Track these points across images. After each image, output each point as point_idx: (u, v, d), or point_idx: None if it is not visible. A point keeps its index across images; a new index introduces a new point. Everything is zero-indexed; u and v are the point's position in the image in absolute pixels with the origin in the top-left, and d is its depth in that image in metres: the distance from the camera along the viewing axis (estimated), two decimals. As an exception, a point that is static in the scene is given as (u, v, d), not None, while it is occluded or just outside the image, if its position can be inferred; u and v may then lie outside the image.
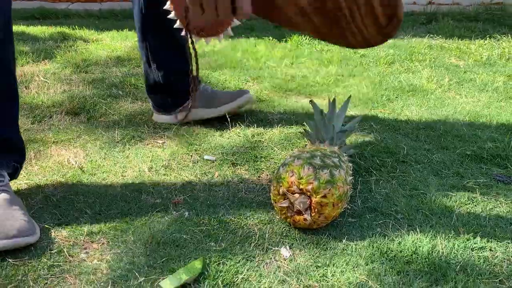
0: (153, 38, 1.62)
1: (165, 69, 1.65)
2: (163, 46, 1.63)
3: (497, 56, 2.75)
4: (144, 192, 1.27)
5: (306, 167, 1.09)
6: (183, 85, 1.68)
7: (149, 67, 1.66)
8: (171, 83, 1.67)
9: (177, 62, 1.65)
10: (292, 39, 2.94)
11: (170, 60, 1.65)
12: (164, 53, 1.64)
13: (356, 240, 1.09)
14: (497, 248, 1.07)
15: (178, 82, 1.66)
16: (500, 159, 1.48)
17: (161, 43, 1.62)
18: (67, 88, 2.03)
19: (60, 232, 1.10)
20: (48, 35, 2.90)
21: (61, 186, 1.29)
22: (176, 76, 1.65)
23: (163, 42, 1.62)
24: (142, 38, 1.63)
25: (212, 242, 1.07)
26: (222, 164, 1.44)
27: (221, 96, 1.72)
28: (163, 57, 1.64)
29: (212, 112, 1.70)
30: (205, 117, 1.71)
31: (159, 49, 1.63)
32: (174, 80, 1.66)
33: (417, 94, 2.09)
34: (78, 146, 1.53)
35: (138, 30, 1.63)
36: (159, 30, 1.59)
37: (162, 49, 1.63)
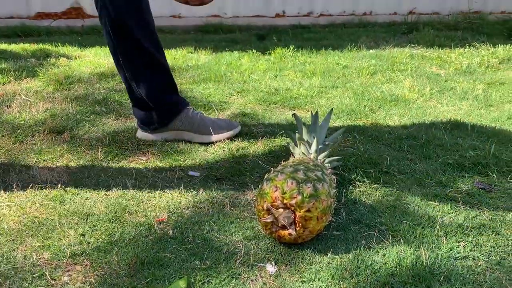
0: (128, 58, 1.60)
1: (146, 88, 1.63)
2: (139, 66, 1.61)
3: (476, 64, 2.81)
4: (128, 211, 1.26)
5: (289, 182, 1.09)
6: (166, 103, 1.68)
7: (129, 85, 1.66)
8: (154, 100, 1.66)
9: (156, 78, 1.64)
10: (275, 52, 2.96)
11: (148, 79, 1.63)
12: (142, 72, 1.62)
13: (341, 253, 1.09)
14: (480, 257, 1.08)
15: (160, 99, 1.66)
16: (481, 167, 1.50)
17: (138, 63, 1.60)
18: (49, 106, 2.01)
19: (42, 254, 1.08)
20: (30, 53, 2.88)
21: (44, 207, 1.27)
22: (158, 94, 1.65)
23: (139, 61, 1.60)
24: (116, 59, 1.62)
25: (197, 260, 1.07)
26: (206, 180, 1.44)
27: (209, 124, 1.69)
28: (141, 76, 1.63)
29: (201, 139, 1.68)
30: (191, 141, 1.70)
31: (135, 69, 1.62)
32: (156, 98, 1.65)
33: (399, 104, 2.12)
34: (61, 165, 1.52)
35: (111, 53, 1.62)
36: (132, 50, 1.58)
37: (138, 68, 1.62)
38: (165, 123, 1.68)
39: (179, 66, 2.66)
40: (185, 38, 3.54)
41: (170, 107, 1.68)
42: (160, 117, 1.67)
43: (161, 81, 1.66)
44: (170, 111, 1.68)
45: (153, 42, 1.62)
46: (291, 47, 3.03)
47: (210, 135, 1.67)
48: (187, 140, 1.70)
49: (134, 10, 1.55)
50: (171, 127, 1.69)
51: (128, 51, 1.59)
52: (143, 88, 1.63)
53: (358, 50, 3.14)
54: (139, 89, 1.63)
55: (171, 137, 1.71)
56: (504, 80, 2.49)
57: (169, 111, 1.68)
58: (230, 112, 1.99)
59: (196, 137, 1.68)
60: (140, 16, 1.57)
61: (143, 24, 1.59)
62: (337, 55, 2.98)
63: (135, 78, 1.62)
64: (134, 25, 1.55)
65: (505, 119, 1.95)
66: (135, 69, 1.61)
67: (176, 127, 1.69)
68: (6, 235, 1.15)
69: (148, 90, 1.63)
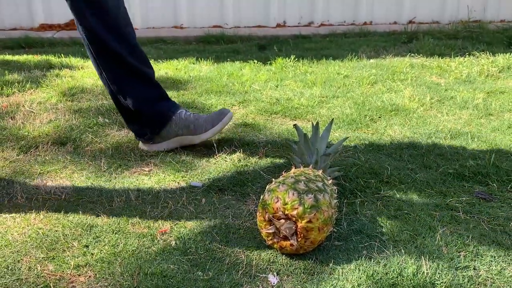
0: (110, 71, 1.61)
1: (132, 98, 1.64)
2: (122, 77, 1.62)
3: (476, 73, 2.82)
4: (131, 222, 1.28)
5: (290, 193, 1.10)
6: (154, 111, 1.68)
7: (117, 99, 1.67)
8: (141, 110, 1.66)
9: (140, 90, 1.65)
10: (276, 62, 2.99)
11: (133, 89, 1.64)
12: (126, 84, 1.63)
13: (343, 264, 1.10)
14: (480, 266, 1.09)
15: (147, 108, 1.66)
16: (481, 177, 1.51)
17: (120, 74, 1.61)
18: (53, 117, 2.03)
19: (47, 266, 1.09)
20: (34, 64, 2.91)
21: (48, 219, 1.28)
22: (144, 103, 1.66)
23: (120, 72, 1.61)
24: (99, 73, 1.63)
25: (199, 271, 1.08)
26: (209, 190, 1.45)
27: (203, 121, 1.71)
28: (126, 87, 1.63)
29: (200, 139, 1.71)
30: (192, 143, 1.72)
31: (119, 81, 1.62)
32: (143, 107, 1.66)
33: (400, 113, 2.13)
34: (64, 177, 1.54)
35: (95, 68, 1.63)
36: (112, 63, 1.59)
37: (122, 80, 1.62)
38: (157, 131, 1.69)
39: (181, 77, 2.69)
40: (187, 49, 3.57)
41: (159, 115, 1.69)
42: (150, 126, 1.68)
43: (146, 91, 1.66)
44: (159, 118, 1.69)
45: (134, 53, 1.62)
46: (292, 57, 3.06)
47: (206, 132, 1.69)
48: (188, 144, 1.71)
49: (109, 25, 1.54)
50: (168, 135, 1.70)
51: (109, 65, 1.59)
52: (129, 100, 1.64)
53: (358, 59, 3.16)
54: (126, 101, 1.64)
55: (173, 145, 1.72)
56: (504, 89, 2.51)
57: (159, 118, 1.69)
58: (232, 122, 2.01)
59: (195, 138, 1.69)
60: (117, 30, 1.56)
61: (121, 37, 1.58)
62: (338, 65, 3.00)
63: (121, 91, 1.63)
64: (111, 39, 1.55)
65: (505, 128, 1.96)
66: (119, 82, 1.62)
67: (174, 133, 1.70)
68: (10, 246, 1.16)
69: (134, 101, 1.64)
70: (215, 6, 4.02)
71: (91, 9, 1.50)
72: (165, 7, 3.95)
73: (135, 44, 1.63)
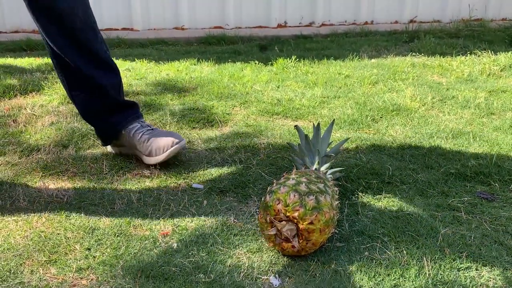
0: (63, 75, 1.58)
1: (80, 109, 1.65)
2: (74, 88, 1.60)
3: (478, 72, 2.82)
4: (133, 224, 1.28)
5: (292, 194, 1.10)
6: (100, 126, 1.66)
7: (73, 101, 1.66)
8: (89, 121, 1.68)
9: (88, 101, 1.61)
10: (277, 63, 2.99)
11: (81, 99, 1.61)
12: (76, 92, 1.60)
13: (344, 265, 1.10)
14: (482, 267, 1.09)
15: (94, 121, 1.66)
16: (483, 176, 1.51)
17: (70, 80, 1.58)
18: (55, 120, 2.04)
19: (49, 269, 1.10)
20: (36, 67, 2.92)
21: (50, 222, 1.29)
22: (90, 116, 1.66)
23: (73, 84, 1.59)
24: (58, 75, 1.62)
25: (201, 273, 1.08)
26: (210, 192, 1.45)
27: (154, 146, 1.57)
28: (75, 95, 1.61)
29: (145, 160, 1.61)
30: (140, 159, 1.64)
31: (70, 87, 1.60)
32: (90, 120, 1.67)
33: (401, 113, 2.13)
34: (66, 179, 1.54)
35: (55, 68, 1.61)
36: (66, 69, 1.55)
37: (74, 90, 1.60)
38: (103, 144, 1.71)
39: (183, 78, 2.69)
40: (188, 50, 3.57)
41: (104, 131, 1.67)
42: (99, 137, 1.70)
43: (93, 104, 1.61)
44: (106, 133, 1.67)
45: (94, 62, 1.55)
46: (293, 58, 3.06)
47: (150, 157, 1.58)
48: (138, 157, 1.65)
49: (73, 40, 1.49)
50: (128, 144, 1.65)
51: (65, 73, 1.57)
52: (79, 107, 1.65)
53: (359, 59, 3.16)
54: (77, 108, 1.66)
55: (128, 151, 1.68)
56: (505, 88, 2.50)
57: (105, 133, 1.67)
58: (234, 123, 2.01)
59: (146, 159, 1.61)
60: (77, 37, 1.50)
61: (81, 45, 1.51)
62: (339, 65, 3.00)
63: (72, 98, 1.63)
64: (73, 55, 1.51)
65: (507, 127, 1.95)
66: (72, 90, 1.60)
67: (125, 144, 1.66)
68: (13, 250, 1.16)
69: (80, 111, 1.66)
70: (216, 7, 4.02)
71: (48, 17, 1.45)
72: (166, 8, 3.96)
73: (94, 50, 1.54)
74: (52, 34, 1.48)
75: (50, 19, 1.46)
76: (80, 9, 1.48)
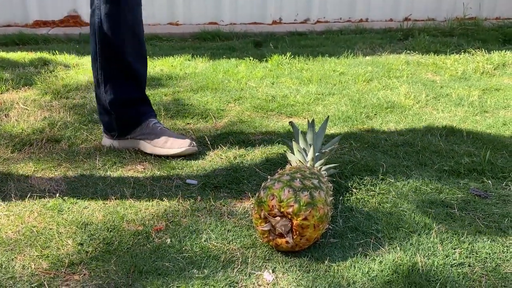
0: (105, 59, 1.59)
1: (112, 94, 1.63)
2: (113, 71, 1.61)
3: (471, 70, 2.83)
4: (126, 219, 1.27)
5: (286, 190, 1.10)
6: (129, 113, 1.67)
7: (98, 88, 1.66)
8: (116, 109, 1.66)
9: (125, 89, 1.64)
10: (272, 59, 2.98)
11: (118, 85, 1.63)
12: (114, 77, 1.62)
13: (338, 261, 1.10)
14: (475, 263, 1.09)
15: (123, 109, 1.66)
16: (476, 174, 1.51)
17: (113, 66, 1.61)
18: (47, 115, 2.02)
19: (41, 264, 1.09)
20: (28, 61, 2.89)
21: (42, 217, 1.27)
22: (122, 103, 1.65)
23: (114, 67, 1.61)
24: (94, 57, 1.61)
25: (194, 269, 1.07)
26: (204, 188, 1.45)
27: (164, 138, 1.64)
28: (112, 80, 1.62)
29: (152, 150, 1.65)
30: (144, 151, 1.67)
31: (109, 73, 1.62)
32: (119, 107, 1.66)
33: (395, 110, 2.13)
34: (59, 174, 1.53)
35: (92, 52, 1.62)
36: (112, 56, 1.58)
37: (112, 73, 1.62)
38: (124, 133, 1.69)
39: (177, 74, 2.68)
40: (182, 46, 3.56)
41: (131, 118, 1.69)
42: (120, 126, 1.68)
43: (129, 92, 1.66)
44: (130, 122, 1.68)
45: (138, 53, 1.63)
46: (288, 54, 3.05)
47: (160, 149, 1.63)
48: (141, 150, 1.68)
49: (128, 18, 1.56)
50: (130, 136, 1.69)
51: (108, 56, 1.59)
52: (109, 94, 1.63)
53: (354, 56, 3.16)
54: (105, 93, 1.64)
55: (128, 145, 1.70)
56: (499, 86, 2.51)
57: (129, 122, 1.68)
58: (228, 119, 2.00)
59: (150, 147, 1.65)
60: (133, 25, 1.58)
61: (134, 34, 1.60)
62: (334, 62, 3.00)
63: (105, 82, 1.62)
64: (124, 33, 1.56)
65: (500, 125, 1.96)
66: (109, 73, 1.61)
67: (135, 136, 1.69)
68: (4, 244, 1.15)
69: (113, 97, 1.63)
70: (211, 2, 4.00)
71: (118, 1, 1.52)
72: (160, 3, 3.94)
73: (143, 45, 1.65)
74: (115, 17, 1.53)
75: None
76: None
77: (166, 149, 1.63)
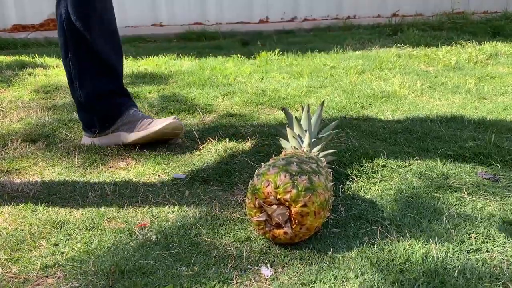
0: (75, 52, 1.49)
1: (88, 88, 1.52)
2: (86, 66, 1.50)
3: (465, 60, 2.76)
4: (107, 217, 1.15)
5: (282, 175, 0.99)
6: (107, 105, 1.56)
7: (71, 84, 1.55)
8: (93, 103, 1.55)
9: (99, 81, 1.53)
10: (260, 56, 2.89)
11: (91, 79, 1.52)
12: (87, 71, 1.51)
13: (343, 252, 0.99)
14: (494, 248, 0.99)
15: (101, 103, 1.55)
16: (483, 157, 1.42)
17: (84, 58, 1.50)
18: (24, 115, 1.90)
19: (10, 268, 0.96)
20: (6, 65, 2.76)
21: (13, 218, 1.15)
22: (99, 97, 1.54)
23: (87, 61, 1.50)
24: (65, 52, 1.50)
25: (183, 266, 0.96)
26: (192, 182, 1.33)
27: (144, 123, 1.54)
28: (85, 74, 1.51)
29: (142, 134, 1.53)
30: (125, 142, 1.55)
31: (82, 68, 1.50)
32: (96, 101, 1.55)
33: (391, 100, 2.04)
34: (34, 173, 1.40)
35: (61, 47, 1.51)
36: (83, 49, 1.48)
37: (85, 68, 1.51)
38: (107, 126, 1.57)
39: (161, 73, 2.57)
40: (167, 46, 3.45)
41: (109, 110, 1.57)
42: (100, 120, 1.57)
43: (104, 85, 1.55)
44: (109, 114, 1.57)
45: (111, 43, 1.53)
46: (276, 51, 2.96)
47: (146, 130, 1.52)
48: (122, 142, 1.56)
49: (96, 5, 1.45)
50: (112, 129, 1.58)
51: (79, 49, 1.48)
52: (84, 89, 1.52)
53: (344, 51, 3.08)
54: (80, 89, 1.53)
55: (110, 141, 1.58)
56: (494, 74, 2.44)
57: (109, 114, 1.57)
58: (216, 114, 1.90)
59: (132, 135, 1.54)
60: (102, 14, 1.47)
61: (104, 23, 1.49)
62: (324, 57, 2.91)
63: (78, 76, 1.51)
64: (93, 23, 1.45)
65: (500, 110, 1.88)
66: (82, 68, 1.51)
67: (116, 128, 1.58)
68: (-31, 248, 1.03)
69: (88, 91, 1.53)
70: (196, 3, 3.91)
71: None
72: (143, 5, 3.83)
73: (117, 34, 1.55)
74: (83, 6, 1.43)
75: None
76: None
77: (150, 127, 1.51)
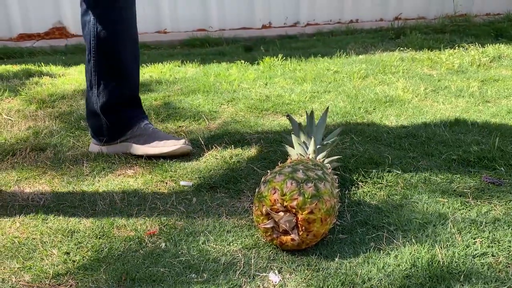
0: (100, 58, 1.52)
1: (105, 97, 1.55)
2: (107, 70, 1.53)
3: (468, 63, 2.77)
4: (116, 225, 1.17)
5: (288, 182, 1.01)
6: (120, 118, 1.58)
7: (90, 90, 1.57)
8: (107, 112, 1.57)
9: (118, 90, 1.55)
10: (264, 61, 2.91)
11: (112, 87, 1.55)
12: (108, 78, 1.54)
13: (350, 258, 1.01)
14: (499, 253, 1.00)
15: (114, 112, 1.57)
16: (487, 161, 1.43)
17: (107, 65, 1.53)
18: (32, 124, 1.92)
19: (23, 276, 0.98)
20: (13, 74, 2.79)
21: (25, 227, 1.17)
22: (115, 106, 1.57)
23: (107, 68, 1.53)
24: (88, 57, 1.53)
25: (193, 273, 0.97)
26: (200, 189, 1.35)
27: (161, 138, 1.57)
28: (106, 81, 1.54)
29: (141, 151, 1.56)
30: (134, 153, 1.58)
31: (103, 72, 1.53)
32: (111, 110, 1.57)
33: (395, 104, 2.06)
34: (44, 182, 1.43)
35: (88, 51, 1.53)
36: (106, 57, 1.51)
37: (106, 75, 1.53)
38: (114, 138, 1.60)
39: (166, 79, 2.59)
40: (171, 53, 3.48)
41: (122, 122, 1.59)
42: (111, 131, 1.59)
43: (123, 94, 1.58)
44: (121, 126, 1.59)
45: (133, 52, 1.57)
46: (280, 56, 2.98)
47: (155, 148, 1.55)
48: (130, 152, 1.58)
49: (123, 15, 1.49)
50: (120, 140, 1.60)
51: (102, 57, 1.51)
52: (102, 96, 1.55)
53: (347, 56, 3.10)
54: (98, 96, 1.55)
55: (118, 150, 1.60)
56: (498, 77, 2.45)
57: (120, 126, 1.59)
58: (222, 120, 1.92)
59: (141, 148, 1.56)
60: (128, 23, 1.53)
61: (129, 32, 1.54)
62: (327, 62, 2.93)
63: (98, 83, 1.54)
64: (119, 32, 1.49)
65: (504, 113, 1.89)
66: (103, 73, 1.53)
67: (125, 139, 1.60)
68: (-18, 258, 1.05)
69: (106, 99, 1.55)
70: (199, 9, 3.94)
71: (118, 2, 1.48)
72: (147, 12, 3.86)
73: (137, 45, 1.60)
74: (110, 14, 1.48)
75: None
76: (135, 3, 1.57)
77: (159, 147, 1.54)
